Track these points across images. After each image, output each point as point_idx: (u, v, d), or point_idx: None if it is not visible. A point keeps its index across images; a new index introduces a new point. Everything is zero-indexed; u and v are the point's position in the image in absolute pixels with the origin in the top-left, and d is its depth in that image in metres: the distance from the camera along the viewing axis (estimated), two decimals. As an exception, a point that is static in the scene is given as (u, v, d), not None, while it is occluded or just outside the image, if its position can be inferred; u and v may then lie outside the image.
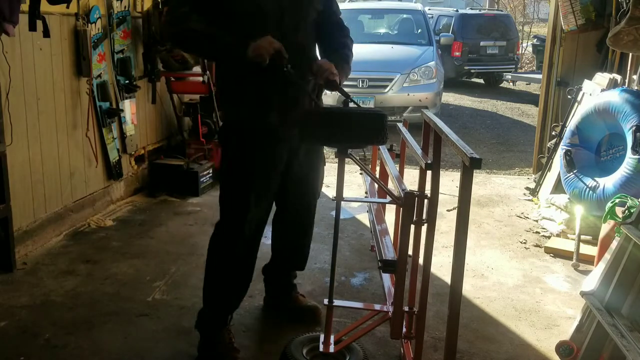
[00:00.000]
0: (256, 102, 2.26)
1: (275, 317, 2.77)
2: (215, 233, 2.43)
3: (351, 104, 2.27)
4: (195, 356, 2.47)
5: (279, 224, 2.71)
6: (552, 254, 3.68)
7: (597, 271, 2.54)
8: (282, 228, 2.70)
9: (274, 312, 2.81)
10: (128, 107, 4.40)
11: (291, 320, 2.72)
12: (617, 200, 3.08)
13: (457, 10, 13.65)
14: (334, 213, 2.27)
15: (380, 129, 2.08)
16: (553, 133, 4.81)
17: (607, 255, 2.48)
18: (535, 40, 15.47)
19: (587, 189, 3.79)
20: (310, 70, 2.27)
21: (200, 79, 4.71)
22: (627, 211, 2.84)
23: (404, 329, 2.29)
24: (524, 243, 3.88)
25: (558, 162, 4.32)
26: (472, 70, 12.95)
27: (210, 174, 4.81)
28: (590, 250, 3.53)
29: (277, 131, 2.30)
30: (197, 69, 4.71)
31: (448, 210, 4.42)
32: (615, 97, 3.75)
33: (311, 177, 2.57)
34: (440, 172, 2.26)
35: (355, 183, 4.90)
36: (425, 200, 2.13)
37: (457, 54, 12.52)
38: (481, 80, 13.82)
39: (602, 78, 4.34)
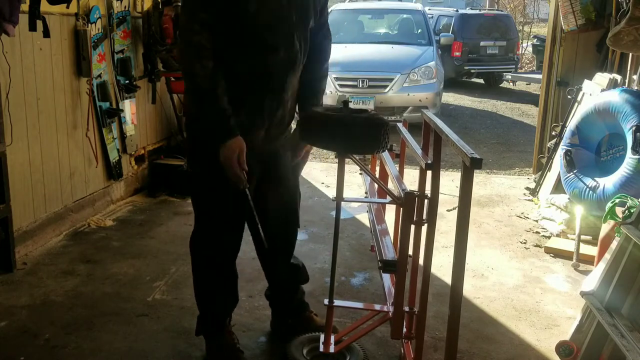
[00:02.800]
0: (247, 124, 2.17)
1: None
2: (194, 239, 2.38)
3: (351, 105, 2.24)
4: (195, 356, 2.48)
5: (261, 241, 2.45)
6: (552, 254, 3.68)
7: (597, 271, 2.54)
8: (269, 247, 2.44)
9: (285, 336, 2.53)
10: (128, 107, 4.40)
11: None
12: (617, 200, 3.08)
13: (457, 10, 13.64)
14: (334, 213, 2.27)
15: (380, 140, 2.08)
16: (553, 133, 4.81)
17: (607, 255, 2.48)
18: (535, 40, 15.47)
19: (587, 189, 3.79)
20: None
21: (200, 79, 4.71)
22: (627, 211, 2.84)
23: (404, 329, 2.29)
24: (524, 243, 3.88)
25: (558, 162, 4.32)
26: (472, 70, 12.94)
27: (210, 174, 4.81)
28: (590, 250, 3.53)
29: (256, 147, 2.23)
30: (197, 69, 4.70)
31: (448, 210, 4.42)
32: (615, 97, 3.75)
33: (286, 184, 2.47)
34: (441, 172, 2.26)
35: (355, 183, 4.90)
36: (426, 201, 2.13)
37: (457, 54, 12.52)
38: (481, 80, 13.82)
39: (602, 78, 4.34)
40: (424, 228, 2.17)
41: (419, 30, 9.23)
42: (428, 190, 2.18)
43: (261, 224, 2.32)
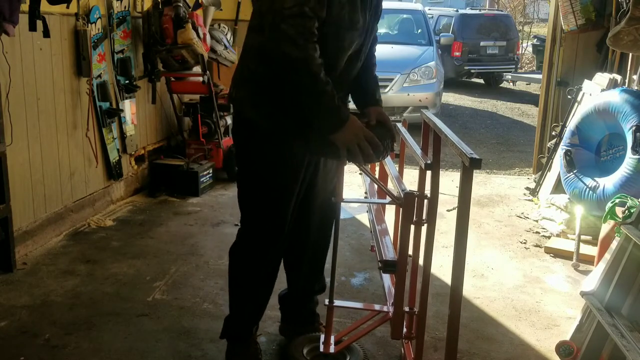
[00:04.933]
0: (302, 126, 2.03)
1: (275, 318, 2.77)
2: (238, 248, 2.29)
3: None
4: (195, 356, 2.48)
5: (297, 245, 2.44)
6: (552, 254, 3.68)
7: (597, 271, 2.55)
8: (301, 248, 2.46)
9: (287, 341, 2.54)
10: (128, 107, 4.40)
11: None
12: (617, 200, 3.08)
13: (457, 10, 13.65)
14: (334, 213, 2.27)
15: (383, 151, 2.08)
16: (553, 133, 4.81)
17: (607, 255, 2.48)
18: (535, 40, 15.48)
19: (587, 189, 3.79)
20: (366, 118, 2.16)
21: (200, 79, 4.71)
22: (627, 211, 2.84)
23: (404, 329, 2.29)
24: (524, 243, 3.88)
25: (558, 162, 4.32)
26: (472, 70, 12.95)
27: (210, 174, 4.81)
28: (590, 250, 3.53)
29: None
30: (197, 69, 4.71)
31: (448, 211, 4.42)
32: (615, 97, 3.75)
33: (331, 188, 2.41)
34: (440, 172, 2.26)
35: (355, 183, 4.90)
36: (425, 201, 2.13)
37: (457, 54, 12.52)
38: (481, 80, 13.82)
39: (602, 78, 4.34)
40: (424, 228, 2.17)
41: (419, 30, 9.24)
42: (428, 191, 2.18)
43: (303, 225, 2.32)
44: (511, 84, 13.44)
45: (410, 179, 4.12)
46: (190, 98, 5.11)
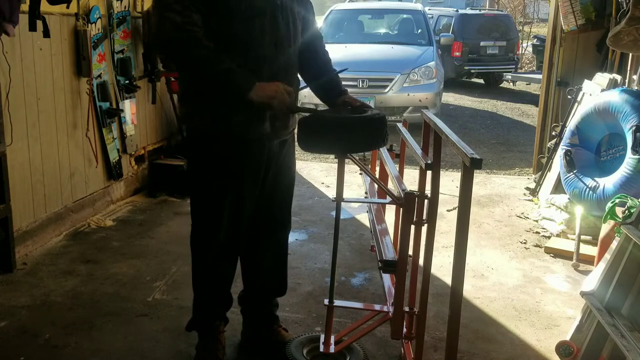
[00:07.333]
0: (246, 112, 2.09)
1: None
2: (191, 239, 2.36)
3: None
4: (194, 356, 2.48)
5: (249, 244, 2.43)
6: (552, 254, 3.68)
7: (597, 271, 2.55)
8: (254, 247, 2.44)
9: (252, 347, 2.53)
10: (128, 107, 4.40)
11: (272, 358, 2.45)
12: (617, 200, 3.08)
13: (457, 10, 13.65)
14: (334, 213, 2.27)
15: (380, 135, 2.08)
16: (553, 133, 4.81)
17: (607, 255, 2.48)
18: (535, 40, 15.48)
19: (587, 189, 3.79)
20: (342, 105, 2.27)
21: (200, 79, 4.71)
22: (627, 211, 2.85)
23: (404, 329, 2.30)
24: (524, 243, 3.88)
25: (558, 162, 4.32)
26: (472, 70, 12.95)
27: (210, 174, 4.81)
28: (590, 250, 3.53)
29: (262, 139, 2.19)
30: (197, 69, 4.70)
31: (448, 211, 4.42)
32: (615, 97, 3.75)
33: (286, 184, 2.42)
34: (441, 172, 2.26)
35: (355, 183, 4.90)
36: (425, 201, 2.13)
37: (457, 54, 12.53)
38: (481, 80, 13.82)
39: (602, 78, 4.34)
40: (424, 228, 2.17)
41: (419, 30, 9.23)
42: (428, 190, 2.18)
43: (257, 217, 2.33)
44: (511, 84, 13.44)
45: (411, 179, 4.12)
46: (190, 98, 5.11)
